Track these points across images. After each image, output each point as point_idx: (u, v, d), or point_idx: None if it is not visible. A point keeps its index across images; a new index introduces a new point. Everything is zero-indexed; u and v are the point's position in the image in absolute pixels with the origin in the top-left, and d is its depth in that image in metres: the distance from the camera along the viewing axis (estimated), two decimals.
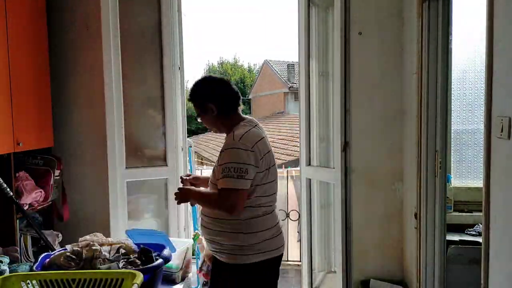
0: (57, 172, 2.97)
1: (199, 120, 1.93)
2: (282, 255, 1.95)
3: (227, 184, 1.70)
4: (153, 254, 1.95)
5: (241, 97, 1.94)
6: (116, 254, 1.96)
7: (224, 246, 1.83)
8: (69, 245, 1.98)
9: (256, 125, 1.88)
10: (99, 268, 1.82)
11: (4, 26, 2.53)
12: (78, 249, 1.92)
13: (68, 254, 1.90)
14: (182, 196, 1.90)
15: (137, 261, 1.91)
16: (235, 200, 1.72)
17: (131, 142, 3.06)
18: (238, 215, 1.77)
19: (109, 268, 1.82)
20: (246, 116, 1.93)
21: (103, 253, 1.92)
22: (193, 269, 3.32)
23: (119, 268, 1.84)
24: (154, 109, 3.14)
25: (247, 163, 1.72)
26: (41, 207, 2.84)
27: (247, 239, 1.80)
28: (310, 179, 3.09)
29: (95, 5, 2.91)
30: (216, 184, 1.79)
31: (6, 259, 2.38)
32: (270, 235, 1.85)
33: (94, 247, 1.90)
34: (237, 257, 1.81)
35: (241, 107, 1.93)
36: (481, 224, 1.74)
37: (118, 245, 2.01)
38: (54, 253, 1.96)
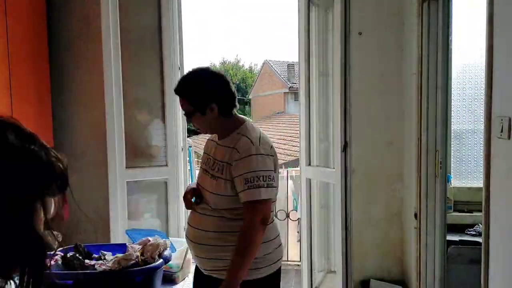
0: None
1: (188, 119, 1.69)
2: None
3: (258, 195, 1.52)
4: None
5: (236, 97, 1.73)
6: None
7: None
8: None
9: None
10: None
11: (4, 26, 2.53)
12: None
13: (73, 253, 1.92)
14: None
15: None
16: (267, 213, 1.57)
17: (131, 142, 3.06)
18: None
19: None
20: (241, 116, 1.75)
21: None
22: (193, 269, 3.32)
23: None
24: (154, 109, 3.14)
25: (272, 170, 1.58)
26: None
27: (261, 249, 1.60)
28: (310, 179, 3.09)
29: (95, 5, 2.91)
30: (226, 196, 1.60)
31: None
32: (278, 243, 1.74)
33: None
34: (249, 272, 1.58)
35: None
36: (481, 224, 1.74)
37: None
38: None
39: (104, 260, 1.92)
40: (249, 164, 1.54)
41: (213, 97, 1.60)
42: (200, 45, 48.94)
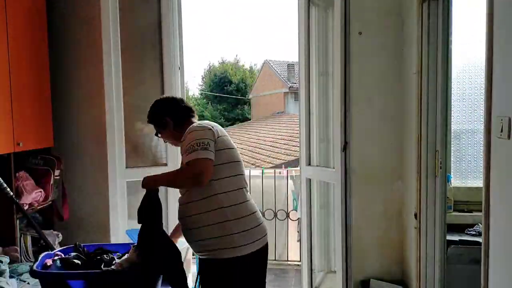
0: (57, 172, 2.97)
1: (159, 137, 2.10)
2: (266, 246, 1.97)
3: (192, 156, 1.75)
4: (112, 256, 1.94)
5: (194, 111, 2.10)
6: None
7: (212, 240, 1.81)
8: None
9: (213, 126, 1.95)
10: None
11: (4, 26, 2.53)
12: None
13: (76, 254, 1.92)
14: (148, 183, 1.89)
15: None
16: (203, 168, 1.74)
17: (131, 142, 3.06)
18: (210, 187, 1.81)
19: None
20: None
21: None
22: (193, 269, 3.32)
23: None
24: None
25: (206, 138, 1.81)
26: (41, 207, 2.84)
27: (235, 226, 1.81)
28: (310, 179, 3.09)
29: (95, 5, 2.91)
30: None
31: (6, 259, 2.38)
32: (248, 226, 1.85)
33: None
34: (227, 251, 1.80)
35: (195, 118, 2.07)
36: (481, 224, 1.74)
37: None
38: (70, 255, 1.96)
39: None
40: (188, 139, 1.82)
41: (165, 113, 2.04)
42: (199, 44, 48.97)
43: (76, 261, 1.88)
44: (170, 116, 2.03)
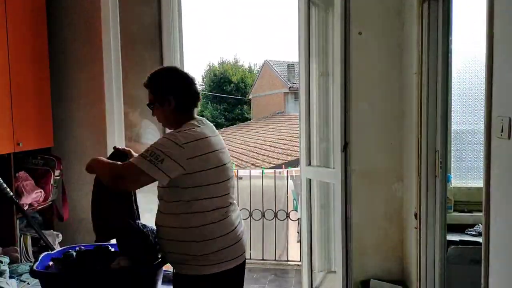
0: (57, 172, 2.97)
1: (151, 108, 1.80)
2: (244, 262, 1.81)
3: (135, 161, 1.61)
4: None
5: (200, 100, 1.83)
6: None
7: (177, 255, 1.71)
8: None
9: (204, 125, 1.76)
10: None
11: (4, 26, 2.53)
12: None
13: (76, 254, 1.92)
14: (89, 167, 1.76)
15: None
16: (131, 176, 1.62)
17: (131, 142, 3.06)
18: (128, 189, 1.79)
19: None
20: (199, 117, 1.82)
21: None
22: None
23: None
24: None
25: (167, 155, 1.58)
26: (41, 207, 2.84)
27: (201, 248, 1.67)
28: (310, 179, 3.09)
29: (95, 5, 2.91)
30: (164, 188, 1.73)
31: (6, 259, 2.38)
32: (222, 246, 1.69)
33: None
34: (192, 267, 1.68)
35: (197, 109, 1.82)
36: (481, 224, 1.74)
37: None
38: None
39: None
40: (159, 140, 1.68)
41: (171, 91, 1.75)
42: (198, 44, 48.97)
43: (75, 261, 1.87)
44: (176, 96, 1.74)
